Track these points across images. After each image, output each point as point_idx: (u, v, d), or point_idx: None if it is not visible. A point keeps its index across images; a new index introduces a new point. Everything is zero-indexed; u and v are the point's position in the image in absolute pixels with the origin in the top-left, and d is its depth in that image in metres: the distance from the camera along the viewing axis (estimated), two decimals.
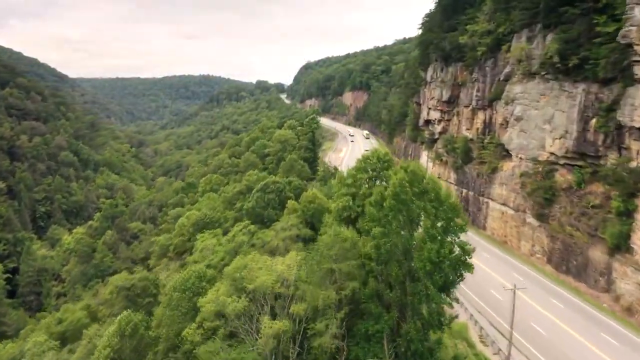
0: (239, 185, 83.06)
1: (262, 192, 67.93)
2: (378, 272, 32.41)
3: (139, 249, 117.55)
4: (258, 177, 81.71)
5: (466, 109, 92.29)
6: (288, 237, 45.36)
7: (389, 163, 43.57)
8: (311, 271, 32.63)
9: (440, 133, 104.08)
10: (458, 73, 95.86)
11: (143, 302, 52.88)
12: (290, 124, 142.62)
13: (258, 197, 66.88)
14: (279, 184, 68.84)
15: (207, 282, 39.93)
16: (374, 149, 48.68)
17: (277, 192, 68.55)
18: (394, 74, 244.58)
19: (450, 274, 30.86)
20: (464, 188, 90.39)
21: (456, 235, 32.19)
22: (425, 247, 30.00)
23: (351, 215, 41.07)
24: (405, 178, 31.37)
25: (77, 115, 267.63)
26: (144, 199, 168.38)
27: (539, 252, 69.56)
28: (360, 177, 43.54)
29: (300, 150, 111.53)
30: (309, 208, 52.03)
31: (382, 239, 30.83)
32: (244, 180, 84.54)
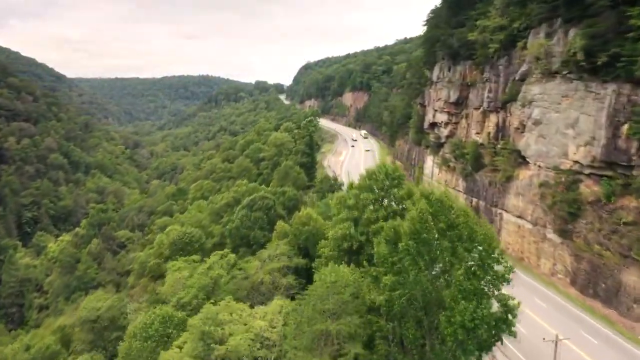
0: (227, 197, 75.46)
1: (248, 209, 60.27)
2: (389, 332, 24.87)
3: (125, 259, 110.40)
4: (247, 188, 74.14)
5: (476, 111, 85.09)
6: (276, 270, 37.71)
7: (399, 180, 36.43)
8: (300, 331, 25.19)
9: (447, 137, 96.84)
10: (467, 72, 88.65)
11: (110, 337, 45.75)
12: (287, 126, 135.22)
13: (243, 215, 59.25)
14: (267, 200, 61.16)
15: (175, 327, 32.62)
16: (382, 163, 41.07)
17: (266, 210, 60.92)
18: (395, 74, 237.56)
19: (486, 336, 23.45)
20: (474, 197, 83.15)
21: (497, 288, 24.49)
22: (457, 307, 22.52)
23: (352, 246, 33.66)
24: (427, 209, 23.93)
25: (69, 116, 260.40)
26: (134, 204, 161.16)
27: (561, 272, 62.33)
28: (364, 197, 36.21)
29: (297, 155, 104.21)
30: (301, 231, 44.63)
31: (395, 290, 23.43)
32: (231, 192, 76.85)
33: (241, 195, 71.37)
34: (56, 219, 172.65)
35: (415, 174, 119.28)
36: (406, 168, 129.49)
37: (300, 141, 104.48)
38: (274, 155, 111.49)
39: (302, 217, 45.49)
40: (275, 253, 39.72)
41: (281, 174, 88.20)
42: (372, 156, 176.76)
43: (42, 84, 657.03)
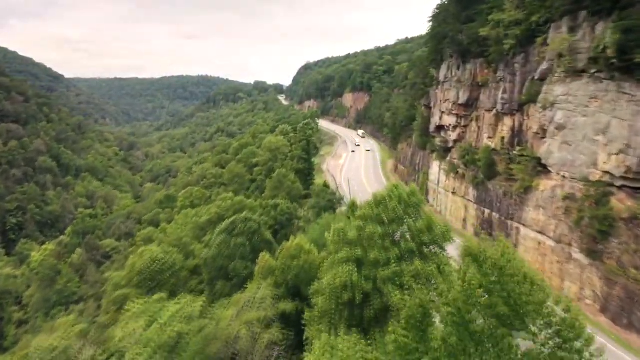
0: (209, 212, 67.36)
1: (227, 234, 52.15)
2: None
3: (109, 272, 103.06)
4: (233, 203, 66.32)
5: (488, 113, 77.77)
6: (256, 320, 29.75)
7: (416, 207, 29.13)
8: None
9: (456, 141, 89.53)
10: (478, 71, 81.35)
11: None
12: (283, 129, 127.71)
13: (221, 242, 51.20)
14: (251, 223, 53.02)
15: None
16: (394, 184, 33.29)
17: (249, 235, 52.70)
18: (396, 74, 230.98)
19: None
20: (487, 208, 75.80)
21: None
22: None
23: (355, 298, 25.64)
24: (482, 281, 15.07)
25: (61, 117, 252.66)
26: (123, 210, 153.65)
27: (589, 298, 54.94)
28: (370, 231, 28.49)
29: (293, 160, 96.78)
30: (290, 267, 36.82)
31: None
32: (214, 206, 68.84)
33: (225, 211, 63.44)
34: (42, 225, 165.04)
35: (419, 179, 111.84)
36: (410, 173, 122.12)
37: (296, 145, 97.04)
38: (268, 160, 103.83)
39: (292, 249, 37.54)
40: (255, 298, 31.87)
41: (274, 183, 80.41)
42: (372, 157, 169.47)
43: (40, 84, 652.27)
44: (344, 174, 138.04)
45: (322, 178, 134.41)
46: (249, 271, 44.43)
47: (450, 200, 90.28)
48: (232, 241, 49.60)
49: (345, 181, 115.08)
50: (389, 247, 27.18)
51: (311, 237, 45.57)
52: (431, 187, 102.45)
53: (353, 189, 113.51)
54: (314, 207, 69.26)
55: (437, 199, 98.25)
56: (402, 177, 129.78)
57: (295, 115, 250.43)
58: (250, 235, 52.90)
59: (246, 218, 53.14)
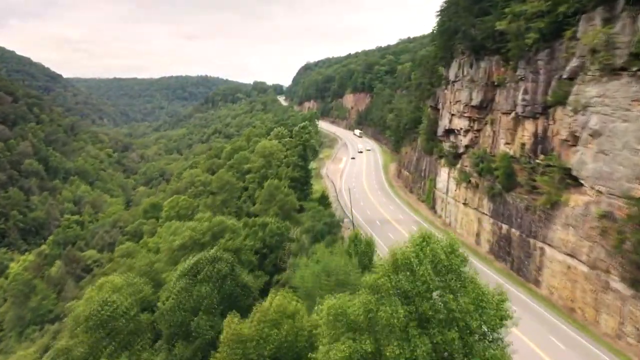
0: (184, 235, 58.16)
1: (190, 279, 42.46)
2: None
3: (89, 287, 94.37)
4: (210, 225, 56.98)
5: (505, 116, 69.52)
6: None
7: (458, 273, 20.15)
8: None
9: (467, 146, 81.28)
10: (494, 69, 73.12)
11: None
12: (278, 132, 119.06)
13: (182, 290, 41.22)
14: (220, 265, 42.98)
15: None
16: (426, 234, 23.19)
17: (217, 281, 42.19)
18: (399, 74, 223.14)
19: None
20: (504, 223, 67.49)
21: None
22: None
23: None
24: None
25: (53, 118, 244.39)
26: (108, 217, 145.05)
27: (631, 336, 46.62)
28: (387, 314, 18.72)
29: (288, 167, 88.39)
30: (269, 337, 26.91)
31: None
32: (187, 229, 59.19)
33: (201, 235, 54.42)
34: (26, 233, 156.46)
35: (425, 187, 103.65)
36: (414, 180, 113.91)
37: (292, 151, 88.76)
38: (261, 166, 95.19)
39: (271, 312, 27.84)
40: None
41: (265, 195, 71.45)
42: (374, 161, 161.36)
43: (37, 83, 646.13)
44: (344, 180, 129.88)
45: (321, 184, 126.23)
46: (216, 331, 34.55)
47: (461, 211, 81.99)
48: (194, 289, 39.82)
49: (345, 190, 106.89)
50: (415, 339, 18.17)
51: (300, 283, 36.81)
52: (439, 196, 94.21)
53: (354, 197, 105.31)
54: (308, 231, 60.04)
55: (445, 210, 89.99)
56: (406, 184, 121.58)
57: (295, 117, 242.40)
58: (219, 281, 42.46)
59: (214, 258, 43.07)
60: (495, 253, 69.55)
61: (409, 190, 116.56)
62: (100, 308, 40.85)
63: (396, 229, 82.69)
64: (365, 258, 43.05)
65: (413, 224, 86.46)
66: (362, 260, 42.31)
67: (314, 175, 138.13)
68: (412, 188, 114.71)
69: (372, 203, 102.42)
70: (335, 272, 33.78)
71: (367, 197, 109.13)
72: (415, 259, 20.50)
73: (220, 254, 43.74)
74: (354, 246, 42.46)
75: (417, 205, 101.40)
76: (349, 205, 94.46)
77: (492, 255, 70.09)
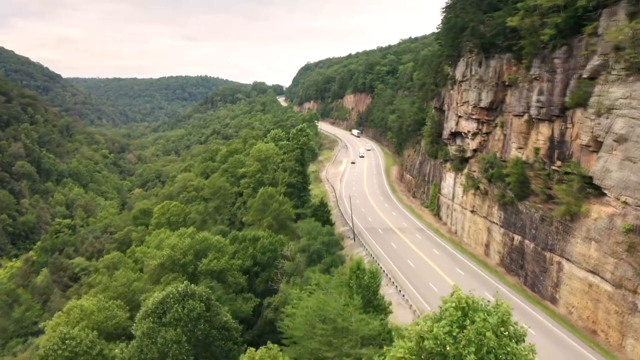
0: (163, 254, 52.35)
1: (155, 320, 35.55)
2: None
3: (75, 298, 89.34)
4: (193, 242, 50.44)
5: (518, 118, 64.76)
6: None
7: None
8: None
9: (475, 150, 76.53)
10: (504, 68, 68.39)
11: None
12: (275, 134, 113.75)
13: (145, 334, 34.57)
14: (191, 304, 35.67)
15: None
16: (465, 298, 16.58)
17: (188, 324, 34.14)
18: (401, 74, 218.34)
19: None
20: (517, 234, 62.67)
21: None
22: None
23: None
24: None
25: (48, 118, 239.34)
26: (100, 222, 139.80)
27: None
28: None
29: (285, 172, 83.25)
30: None
31: None
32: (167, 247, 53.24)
33: (182, 255, 48.39)
34: (15, 237, 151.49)
35: (429, 192, 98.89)
36: (418, 184, 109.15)
37: (289, 155, 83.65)
38: (256, 171, 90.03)
39: None
40: None
41: (258, 204, 66.09)
42: (375, 164, 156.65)
43: (35, 83, 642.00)
44: (344, 184, 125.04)
45: (320, 188, 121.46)
46: None
47: (469, 219, 77.17)
48: (159, 334, 33.68)
49: (345, 196, 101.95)
50: None
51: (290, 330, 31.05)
52: (444, 202, 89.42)
53: (355, 202, 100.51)
54: (304, 250, 54.17)
55: (451, 217, 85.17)
56: (409, 188, 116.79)
57: (294, 118, 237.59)
58: (190, 323, 35.29)
59: (184, 294, 36.39)
60: (507, 266, 64.74)
61: (411, 195, 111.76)
62: (58, 347, 35.51)
63: (400, 238, 77.83)
64: (369, 292, 37.85)
65: (417, 232, 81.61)
66: (365, 294, 37.11)
67: (313, 179, 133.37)
68: (416, 193, 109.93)
69: (374, 209, 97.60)
70: (332, 317, 28.54)
71: (368, 202, 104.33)
72: (453, 346, 14.79)
73: (193, 290, 37.20)
74: (355, 278, 36.96)
75: (420, 211, 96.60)
76: (349, 211, 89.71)
77: (503, 268, 65.27)
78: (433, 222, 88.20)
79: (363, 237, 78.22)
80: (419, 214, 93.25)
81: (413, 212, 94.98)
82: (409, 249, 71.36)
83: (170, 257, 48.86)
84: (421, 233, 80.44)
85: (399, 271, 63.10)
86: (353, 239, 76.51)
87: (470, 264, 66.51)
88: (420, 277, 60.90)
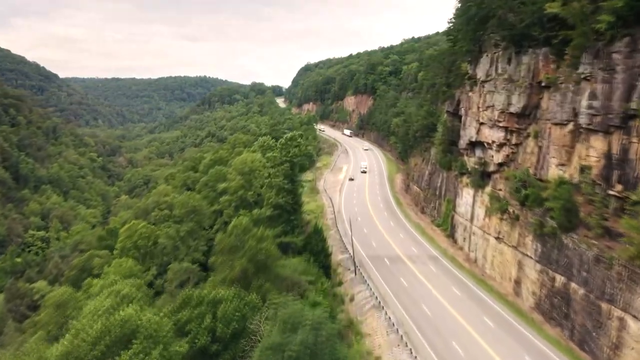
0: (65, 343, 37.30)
1: None
2: None
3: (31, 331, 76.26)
4: (109, 323, 33.90)
5: (559, 128, 52.18)
6: None
7: None
8: None
9: (501, 165, 63.87)
10: (541, 65, 55.78)
11: None
12: (264, 142, 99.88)
13: None
14: None
15: None
16: None
17: None
18: (405, 75, 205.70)
19: None
20: (560, 274, 49.95)
21: None
22: None
23: None
24: None
25: (31, 120, 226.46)
26: (72, 237, 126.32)
27: None
28: None
29: (271, 190, 69.72)
30: None
31: None
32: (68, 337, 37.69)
33: (89, 346, 33.04)
34: None
35: (441, 209, 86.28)
36: (427, 198, 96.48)
37: (277, 170, 70.27)
38: (239, 187, 76.73)
39: None
40: None
41: (229, 242, 51.59)
42: (377, 169, 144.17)
43: (29, 83, 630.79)
44: (343, 195, 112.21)
45: (317, 201, 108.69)
46: None
47: (493, 247, 64.47)
48: None
49: (346, 214, 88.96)
50: None
51: None
52: (460, 223, 76.76)
53: (355, 219, 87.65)
54: (275, 349, 35.89)
55: (469, 241, 72.50)
56: (417, 201, 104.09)
57: (291, 120, 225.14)
58: None
59: None
60: (545, 312, 51.98)
61: (420, 210, 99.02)
62: None
63: (410, 270, 64.68)
64: None
65: (431, 261, 68.61)
66: None
67: (309, 189, 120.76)
68: (425, 208, 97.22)
69: (378, 228, 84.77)
70: None
71: (371, 219, 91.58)
72: None
73: None
74: None
75: (431, 231, 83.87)
76: (350, 231, 77.03)
77: (540, 315, 52.51)
78: (447, 246, 75.41)
79: (366, 269, 65.30)
80: (430, 236, 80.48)
81: (423, 233, 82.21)
82: (422, 288, 58.37)
83: (69, 353, 33.96)
84: (435, 263, 67.57)
85: (413, 324, 50.15)
86: (354, 272, 63.63)
87: (498, 309, 53.74)
88: (440, 332, 48.10)
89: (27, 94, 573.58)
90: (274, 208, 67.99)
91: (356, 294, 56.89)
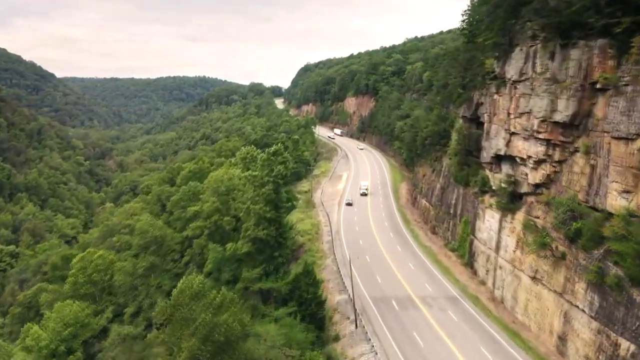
0: None
1: None
2: None
3: None
4: None
5: (621, 143, 39.89)
6: None
7: None
8: None
9: (539, 185, 51.41)
10: (596, 61, 43.24)
11: None
12: (246, 153, 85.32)
13: None
14: None
15: None
16: None
17: None
18: (408, 75, 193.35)
19: None
20: (626, 339, 37.56)
21: None
22: None
23: None
24: None
25: (13, 122, 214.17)
26: (36, 257, 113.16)
27: None
28: None
29: (252, 218, 55.54)
30: None
31: None
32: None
33: None
34: None
35: (457, 231, 73.98)
36: (439, 216, 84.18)
37: (257, 192, 56.50)
38: (214, 210, 63.37)
39: None
40: None
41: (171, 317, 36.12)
42: (380, 174, 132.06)
43: (24, 82, 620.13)
44: (342, 211, 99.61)
45: (312, 218, 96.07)
46: None
47: (526, 288, 52.05)
48: None
49: (345, 242, 76.01)
50: None
51: None
52: (481, 251, 64.40)
53: (357, 243, 75.25)
54: None
55: (494, 275, 60.12)
56: (426, 218, 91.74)
57: (289, 122, 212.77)
58: None
59: None
60: None
61: (430, 230, 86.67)
62: None
63: (425, 319, 51.39)
64: None
65: (449, 304, 55.53)
66: None
67: (304, 202, 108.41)
68: (436, 227, 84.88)
69: (383, 256, 72.14)
70: None
71: (374, 242, 79.12)
72: None
73: None
74: None
75: (445, 258, 71.45)
76: (349, 257, 64.64)
77: None
78: (467, 280, 62.89)
79: (369, 317, 52.30)
80: (444, 265, 67.91)
81: (436, 261, 69.70)
82: (443, 348, 45.24)
83: None
84: (455, 307, 54.81)
85: None
86: (355, 324, 50.84)
87: None
88: None
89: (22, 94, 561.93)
90: (253, 242, 54.62)
91: (357, 358, 44.25)
